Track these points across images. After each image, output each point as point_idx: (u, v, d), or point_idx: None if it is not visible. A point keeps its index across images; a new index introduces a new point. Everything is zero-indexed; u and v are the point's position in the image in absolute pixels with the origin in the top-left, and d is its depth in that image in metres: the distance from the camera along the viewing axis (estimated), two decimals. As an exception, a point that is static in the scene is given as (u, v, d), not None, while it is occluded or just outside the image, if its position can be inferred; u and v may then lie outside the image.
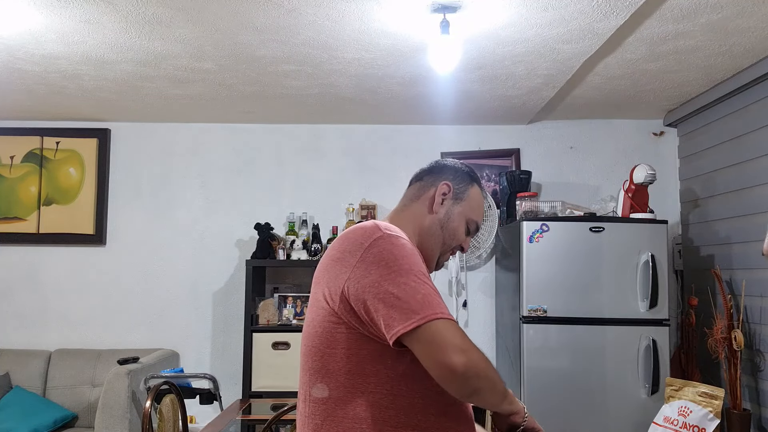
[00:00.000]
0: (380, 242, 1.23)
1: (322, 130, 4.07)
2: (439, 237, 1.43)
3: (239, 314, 3.90)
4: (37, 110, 3.81)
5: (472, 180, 1.49)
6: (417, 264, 1.22)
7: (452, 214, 1.44)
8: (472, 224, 1.48)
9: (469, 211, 1.46)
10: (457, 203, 1.45)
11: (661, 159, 3.93)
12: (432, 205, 1.44)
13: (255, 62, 2.91)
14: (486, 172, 4.04)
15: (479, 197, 1.50)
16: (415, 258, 1.23)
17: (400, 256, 1.21)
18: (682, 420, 2.79)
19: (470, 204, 1.47)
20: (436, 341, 1.12)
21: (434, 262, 1.44)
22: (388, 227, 1.28)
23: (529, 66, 2.94)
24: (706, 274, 3.43)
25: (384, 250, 1.21)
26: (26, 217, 3.98)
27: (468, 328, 3.93)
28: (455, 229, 1.44)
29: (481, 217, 1.51)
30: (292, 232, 3.81)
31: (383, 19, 2.42)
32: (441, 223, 1.43)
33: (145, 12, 2.36)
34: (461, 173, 1.49)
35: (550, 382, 3.11)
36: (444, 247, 1.44)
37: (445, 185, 1.45)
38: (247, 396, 3.53)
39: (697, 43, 2.69)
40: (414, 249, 1.26)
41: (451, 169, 1.49)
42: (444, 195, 1.44)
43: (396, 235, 1.26)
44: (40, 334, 3.94)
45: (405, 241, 1.26)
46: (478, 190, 1.49)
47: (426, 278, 1.21)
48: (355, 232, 1.28)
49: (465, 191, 1.47)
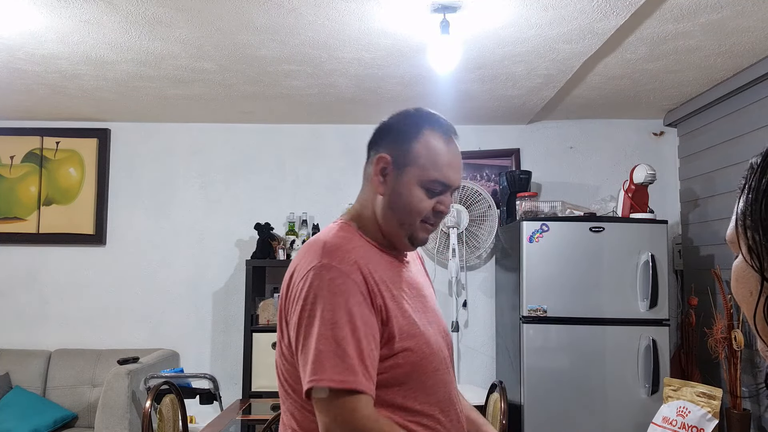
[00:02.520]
0: (311, 275, 1.14)
1: (322, 130, 4.07)
2: (394, 219, 1.24)
3: (239, 314, 3.90)
4: (37, 110, 3.81)
5: (418, 131, 1.24)
6: (335, 308, 1.11)
7: (399, 188, 1.23)
8: (433, 185, 1.23)
9: (421, 172, 1.22)
10: (402, 172, 1.23)
11: (661, 159, 3.93)
12: (376, 185, 1.25)
13: (255, 62, 2.91)
14: (486, 172, 4.04)
15: (433, 147, 1.23)
16: (337, 299, 1.11)
17: (320, 297, 1.12)
18: (681, 420, 2.78)
19: (419, 163, 1.22)
20: (319, 410, 1.10)
21: (404, 242, 1.27)
22: (330, 250, 1.17)
23: (529, 66, 2.94)
24: (706, 273, 3.43)
25: (311, 287, 1.13)
26: (26, 217, 3.98)
27: (468, 328, 3.93)
28: (407, 204, 1.23)
29: (445, 170, 1.23)
30: (292, 232, 3.81)
31: (383, 19, 2.42)
32: (390, 204, 1.24)
33: (145, 12, 2.36)
34: (401, 131, 1.25)
35: (550, 382, 3.11)
36: (407, 226, 1.24)
37: (381, 158, 1.24)
38: (247, 396, 3.53)
39: (696, 43, 2.69)
40: (345, 280, 1.13)
41: (389, 131, 1.27)
42: (383, 171, 1.24)
43: (330, 265, 1.14)
44: (40, 334, 3.94)
45: (337, 271, 1.14)
46: (427, 138, 1.23)
47: (337, 328, 1.10)
48: (303, 254, 1.20)
49: (408, 152, 1.23)
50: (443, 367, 1.26)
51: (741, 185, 0.58)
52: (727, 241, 0.60)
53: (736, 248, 0.58)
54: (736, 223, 0.58)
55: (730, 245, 0.59)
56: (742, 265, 0.57)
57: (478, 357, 3.92)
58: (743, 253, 0.56)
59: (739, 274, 0.58)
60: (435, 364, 1.22)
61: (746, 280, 0.57)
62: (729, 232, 0.59)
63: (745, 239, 0.56)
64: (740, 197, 0.57)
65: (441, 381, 1.24)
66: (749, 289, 0.57)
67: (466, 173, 4.02)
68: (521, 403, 3.13)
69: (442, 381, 1.24)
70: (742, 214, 0.56)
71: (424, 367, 1.20)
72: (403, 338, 1.18)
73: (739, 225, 0.57)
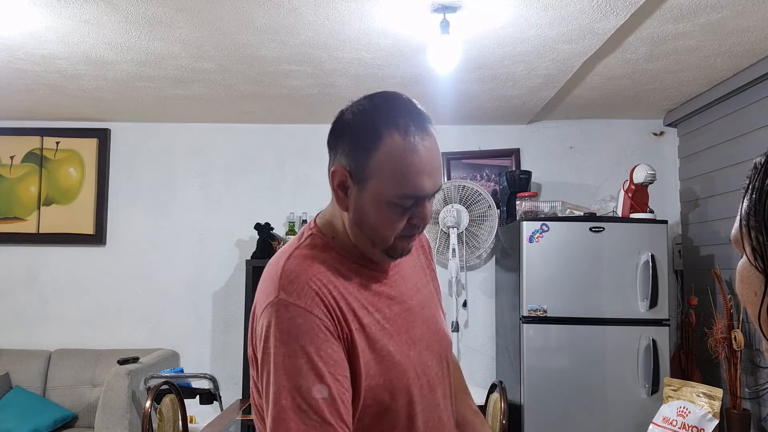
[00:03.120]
0: (268, 312, 1.01)
1: (322, 130, 4.05)
2: (363, 237, 1.08)
3: (239, 314, 3.89)
4: (37, 110, 3.81)
5: (377, 134, 1.01)
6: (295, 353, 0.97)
7: (362, 206, 1.05)
8: (402, 200, 1.02)
9: (385, 188, 1.01)
10: (364, 188, 1.03)
11: (661, 159, 3.93)
12: (336, 201, 1.09)
13: (255, 62, 2.91)
14: (486, 172, 4.04)
15: (395, 155, 1.00)
16: (297, 342, 0.98)
17: (279, 341, 0.99)
18: (681, 420, 2.78)
19: (383, 176, 1.01)
20: None
21: (381, 257, 1.11)
22: (289, 281, 1.03)
23: (529, 66, 2.94)
24: (706, 274, 3.43)
25: (268, 326, 1.00)
26: (26, 217, 3.98)
27: (468, 328, 3.93)
28: (375, 224, 1.05)
29: (415, 181, 1.01)
30: (292, 232, 3.81)
31: (383, 19, 2.41)
32: (356, 222, 1.07)
33: (145, 12, 2.36)
34: (357, 136, 1.03)
35: (550, 382, 3.11)
36: (380, 244, 1.07)
37: (336, 172, 1.06)
38: (247, 396, 3.53)
39: (696, 43, 2.69)
40: (305, 320, 0.99)
41: (347, 135, 1.06)
42: (341, 186, 1.06)
43: (288, 302, 1.00)
44: (40, 334, 3.94)
45: (296, 309, 1.00)
46: (389, 146, 1.00)
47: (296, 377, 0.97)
48: (263, 283, 1.08)
49: (366, 166, 1.02)
50: (425, 393, 1.13)
51: (745, 185, 0.57)
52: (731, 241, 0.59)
53: (740, 249, 0.58)
54: (740, 223, 0.57)
55: (735, 245, 0.59)
56: (746, 265, 0.57)
57: (478, 357, 3.92)
58: (747, 254, 0.56)
59: (744, 274, 0.58)
60: (411, 396, 1.09)
61: (751, 281, 0.57)
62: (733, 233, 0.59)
63: (749, 240, 0.55)
64: (744, 197, 0.57)
65: (422, 409, 1.12)
66: (753, 290, 0.56)
67: (466, 173, 4.02)
68: (521, 403, 3.13)
69: (424, 408, 1.12)
70: (746, 214, 0.56)
71: (397, 403, 1.08)
72: (369, 375, 1.04)
73: (743, 225, 0.56)
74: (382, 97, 1.09)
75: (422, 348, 1.14)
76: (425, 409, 1.13)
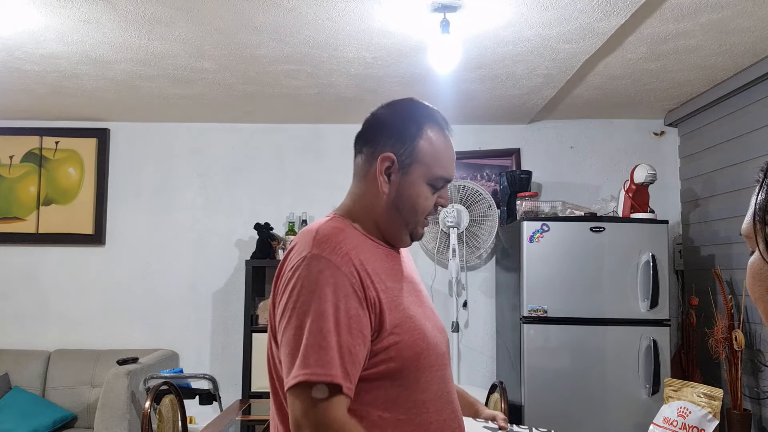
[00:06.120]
0: (301, 265, 1.11)
1: (322, 130, 4.07)
2: (398, 218, 1.23)
3: (239, 314, 3.89)
4: (36, 110, 3.81)
5: (420, 128, 1.23)
6: (321, 300, 1.08)
7: (405, 188, 1.22)
8: (438, 182, 1.24)
9: (427, 170, 1.22)
10: (408, 171, 1.22)
11: (662, 159, 3.92)
12: (380, 185, 1.22)
13: (255, 62, 2.91)
14: (486, 172, 4.04)
15: (436, 143, 1.23)
16: (324, 291, 1.08)
17: (308, 290, 1.09)
18: (682, 421, 2.78)
19: (426, 161, 1.22)
20: (291, 408, 1.06)
21: (405, 239, 1.26)
22: (322, 240, 1.14)
23: (530, 65, 2.93)
24: (707, 274, 3.43)
25: (299, 278, 1.10)
26: (25, 217, 3.97)
27: (468, 328, 3.93)
28: (414, 203, 1.22)
29: (447, 166, 1.24)
30: (292, 232, 3.81)
31: (383, 18, 2.41)
32: (395, 204, 1.22)
33: (144, 11, 2.35)
34: (402, 129, 1.23)
35: (550, 382, 3.11)
36: (411, 225, 1.24)
37: (386, 158, 1.22)
38: (247, 396, 3.52)
39: (697, 42, 2.68)
40: (335, 272, 1.10)
41: (388, 129, 1.24)
42: (387, 170, 1.22)
43: (321, 256, 1.11)
44: (39, 334, 3.94)
45: (327, 262, 1.10)
46: (431, 135, 1.23)
47: (324, 318, 1.07)
48: (295, 245, 1.18)
49: (413, 151, 1.22)
50: (439, 363, 1.22)
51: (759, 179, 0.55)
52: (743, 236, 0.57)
53: (752, 243, 0.55)
54: (753, 217, 0.54)
55: (747, 240, 0.57)
56: (759, 262, 0.54)
57: (478, 357, 3.91)
58: (760, 250, 0.54)
59: (756, 271, 0.55)
60: (430, 360, 1.19)
61: (763, 278, 0.54)
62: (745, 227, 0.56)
63: (763, 235, 0.53)
64: (758, 192, 0.54)
65: (436, 377, 1.20)
66: (766, 287, 0.54)
67: (466, 173, 4.02)
68: (521, 404, 3.12)
69: (438, 378, 1.21)
70: (760, 209, 0.53)
71: (418, 362, 1.17)
72: (395, 332, 1.14)
73: (757, 221, 0.54)
74: (409, 100, 1.30)
75: (432, 326, 1.25)
76: (436, 378, 1.21)
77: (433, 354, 1.20)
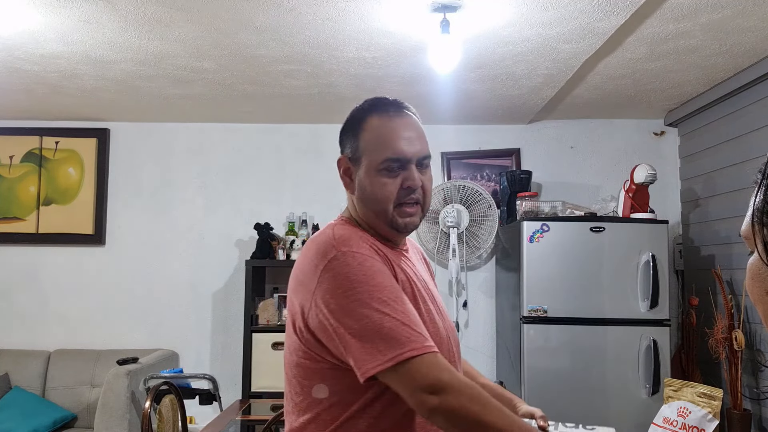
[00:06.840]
0: (335, 265, 1.13)
1: (322, 130, 4.06)
2: (368, 212, 1.25)
3: (239, 314, 3.89)
4: (36, 110, 3.81)
5: (362, 122, 1.25)
6: (378, 287, 1.11)
7: (363, 182, 1.24)
8: (387, 164, 1.22)
9: (374, 158, 1.22)
10: (359, 166, 1.25)
11: (662, 159, 3.92)
12: (346, 187, 1.30)
13: (255, 62, 2.91)
14: (486, 172, 4.04)
15: (378, 129, 1.23)
16: (375, 278, 1.12)
17: (357, 281, 1.10)
18: (682, 421, 2.78)
19: (370, 149, 1.23)
20: (406, 382, 1.07)
21: (388, 231, 1.26)
22: (343, 239, 1.17)
23: (530, 65, 2.93)
24: (707, 274, 3.43)
25: (340, 275, 1.12)
26: (25, 217, 3.97)
27: (468, 328, 3.93)
28: (372, 194, 1.23)
29: (395, 145, 1.22)
30: (292, 232, 3.80)
31: (383, 18, 2.41)
32: (362, 200, 1.25)
33: (144, 11, 2.35)
34: (348, 129, 1.28)
35: (550, 382, 3.10)
36: (382, 215, 1.24)
37: (340, 162, 1.29)
38: (247, 396, 3.52)
39: (697, 42, 2.68)
40: (373, 262, 1.15)
41: (342, 134, 1.30)
42: (347, 172, 1.28)
43: (351, 251, 1.14)
44: (39, 334, 3.94)
45: (361, 255, 1.14)
46: (373, 123, 1.24)
47: (389, 304, 1.10)
48: (312, 250, 1.19)
49: (358, 146, 1.24)
50: (451, 360, 1.23)
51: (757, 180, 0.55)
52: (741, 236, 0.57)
53: (751, 244, 0.55)
54: (752, 218, 0.54)
55: (746, 241, 0.56)
56: (757, 263, 0.54)
57: (478, 357, 3.91)
58: (759, 251, 0.53)
59: (755, 272, 0.55)
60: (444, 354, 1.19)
61: (762, 279, 0.54)
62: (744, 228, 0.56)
63: (761, 236, 0.53)
64: (757, 192, 0.54)
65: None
66: (765, 288, 0.54)
67: (466, 173, 4.02)
68: (521, 404, 3.12)
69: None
70: (758, 211, 0.53)
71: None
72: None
73: (755, 222, 0.53)
74: (366, 99, 1.31)
75: (443, 325, 1.27)
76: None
77: (445, 350, 1.22)
